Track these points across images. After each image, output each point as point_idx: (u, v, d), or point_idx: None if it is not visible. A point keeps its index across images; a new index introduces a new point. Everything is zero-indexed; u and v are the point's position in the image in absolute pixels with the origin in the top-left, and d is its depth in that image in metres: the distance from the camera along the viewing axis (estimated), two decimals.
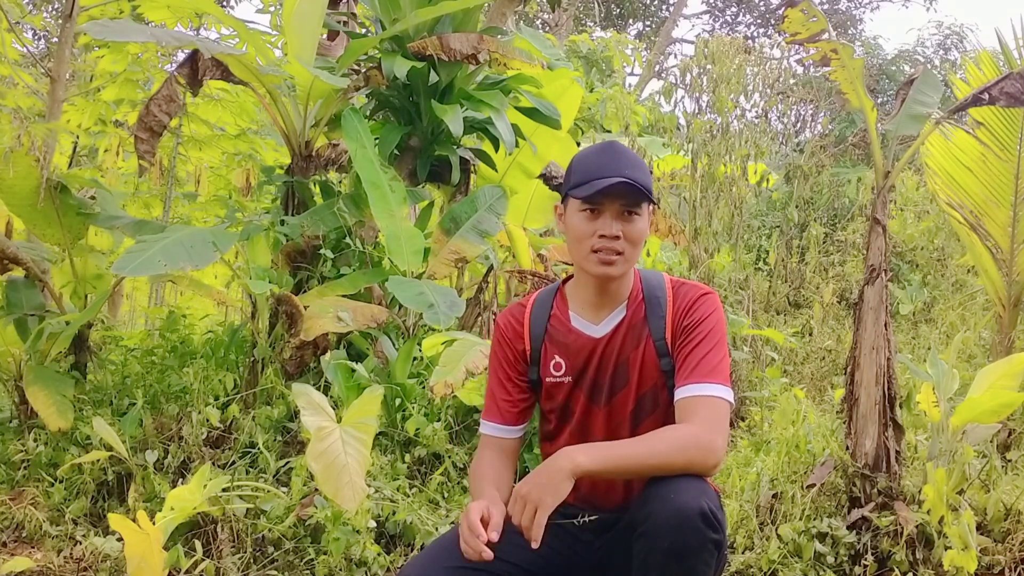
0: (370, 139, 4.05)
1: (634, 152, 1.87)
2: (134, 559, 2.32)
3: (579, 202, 1.80)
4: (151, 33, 3.70)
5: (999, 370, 2.92)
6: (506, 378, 1.97)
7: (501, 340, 1.99)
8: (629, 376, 1.86)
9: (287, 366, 3.57)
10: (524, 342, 1.95)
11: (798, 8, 2.87)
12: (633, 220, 1.80)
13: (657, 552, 1.62)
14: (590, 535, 1.89)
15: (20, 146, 4.05)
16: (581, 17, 18.56)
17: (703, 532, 1.60)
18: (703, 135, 5.56)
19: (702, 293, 1.87)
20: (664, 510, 1.61)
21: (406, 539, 2.95)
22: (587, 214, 1.80)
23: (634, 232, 1.80)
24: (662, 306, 1.86)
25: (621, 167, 1.77)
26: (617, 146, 1.84)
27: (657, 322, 1.85)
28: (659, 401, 1.86)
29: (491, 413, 1.99)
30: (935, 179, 4.25)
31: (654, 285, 1.90)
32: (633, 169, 1.78)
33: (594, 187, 1.75)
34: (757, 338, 4.95)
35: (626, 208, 1.78)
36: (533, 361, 1.95)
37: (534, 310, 1.97)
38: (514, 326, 1.97)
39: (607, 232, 1.78)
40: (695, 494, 1.62)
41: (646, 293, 1.89)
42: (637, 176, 1.78)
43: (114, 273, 3.44)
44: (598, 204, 1.78)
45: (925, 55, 15.35)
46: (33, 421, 3.55)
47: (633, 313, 1.88)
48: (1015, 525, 2.75)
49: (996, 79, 2.87)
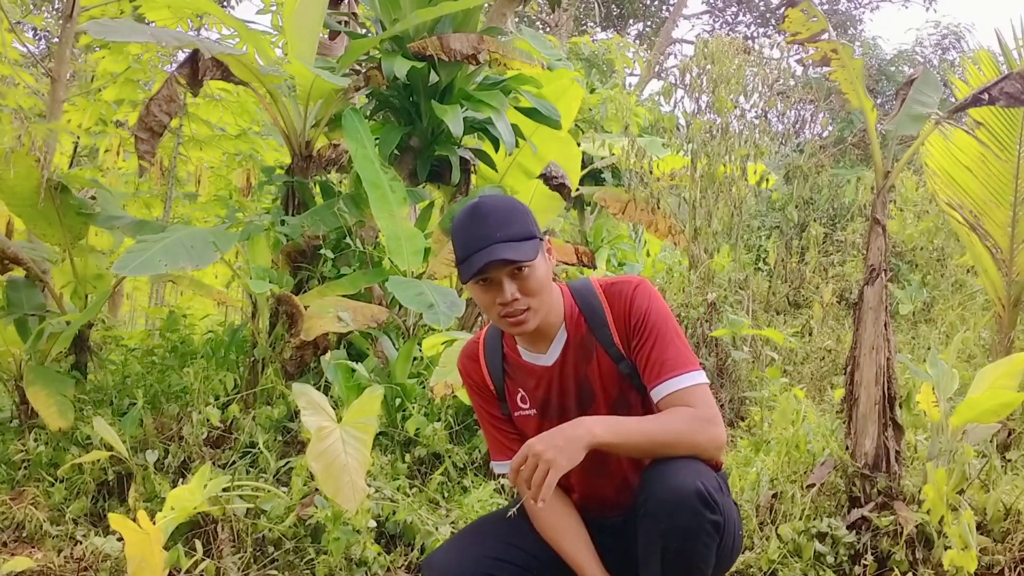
0: (370, 139, 4.06)
1: (504, 203, 1.80)
2: (134, 559, 2.32)
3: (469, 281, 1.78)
4: (152, 33, 3.70)
5: (999, 370, 2.92)
6: (493, 418, 1.98)
7: (471, 386, 1.99)
8: (593, 391, 1.86)
9: (287, 366, 3.57)
10: (487, 381, 1.96)
11: (798, 8, 2.87)
12: (526, 275, 1.75)
13: (656, 534, 1.63)
14: (609, 538, 1.89)
15: (21, 146, 4.06)
16: (581, 18, 18.56)
17: (700, 512, 1.61)
18: (703, 135, 5.56)
19: (634, 287, 1.85)
20: (660, 492, 1.63)
21: (406, 539, 2.95)
22: (481, 286, 1.78)
23: (530, 287, 1.76)
24: (600, 314, 1.85)
25: (492, 232, 1.72)
26: (483, 207, 1.77)
27: (602, 331, 1.84)
28: (631, 403, 1.86)
29: (500, 452, 1.98)
30: (935, 179, 4.25)
31: (586, 295, 1.88)
32: (505, 228, 1.73)
33: (472, 266, 1.72)
34: (757, 338, 4.95)
35: (513, 268, 1.75)
36: (500, 398, 1.95)
37: (487, 349, 1.97)
38: (475, 369, 1.97)
39: (503, 300, 1.75)
40: (691, 475, 1.63)
41: (581, 306, 1.88)
42: (512, 232, 1.73)
43: (114, 273, 3.44)
44: (486, 275, 1.75)
45: (923, 55, 15.34)
46: (33, 421, 3.56)
47: (574, 331, 1.87)
48: (1015, 525, 2.75)
49: (996, 79, 2.87)
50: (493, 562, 1.78)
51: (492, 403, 1.97)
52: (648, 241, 8.25)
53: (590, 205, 8.10)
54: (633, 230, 8.37)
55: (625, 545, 1.87)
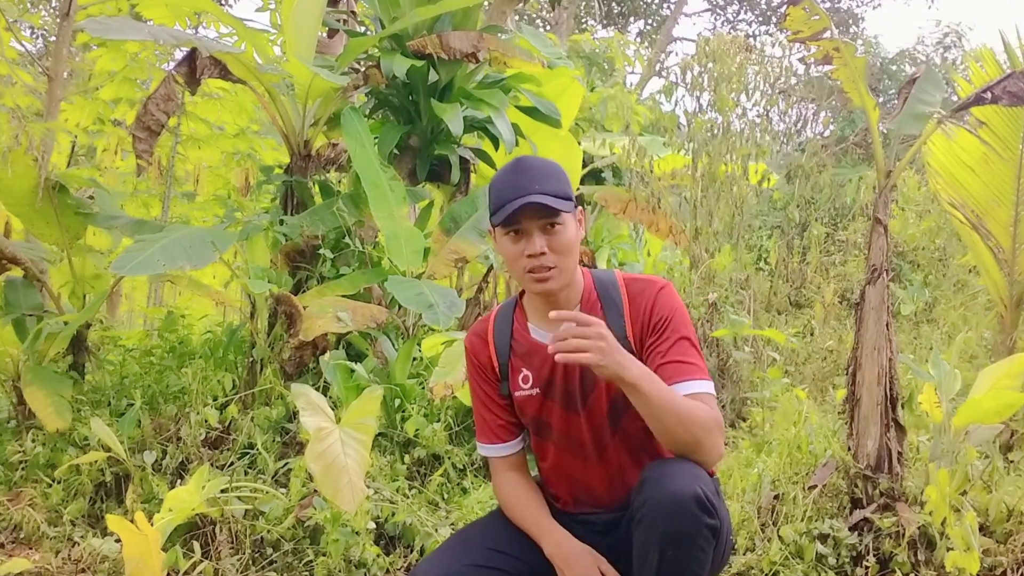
0: (369, 138, 4.04)
1: (547, 162, 1.85)
2: (132, 560, 2.31)
3: (500, 227, 1.81)
4: (149, 31, 3.69)
5: (1001, 370, 2.91)
6: (488, 399, 1.97)
7: (472, 361, 1.99)
8: (596, 379, 1.84)
9: (286, 366, 3.56)
10: (492, 359, 1.96)
11: (800, 6, 2.85)
12: (556, 232, 1.79)
13: (653, 538, 1.63)
14: (597, 536, 1.88)
15: (18, 145, 4.04)
16: (582, 16, 18.55)
17: (698, 517, 1.61)
18: (704, 134, 5.54)
19: (659, 288, 1.86)
20: (658, 496, 1.63)
21: (405, 540, 2.94)
22: (511, 237, 1.80)
23: (560, 243, 1.79)
24: (618, 304, 1.86)
25: (531, 183, 1.77)
26: (525, 162, 1.83)
27: (616, 320, 1.84)
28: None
29: (486, 435, 1.98)
30: (937, 179, 4.23)
31: (607, 284, 1.90)
32: (544, 182, 1.77)
33: (507, 211, 1.76)
34: (758, 338, 4.94)
35: (546, 222, 1.78)
36: (502, 376, 1.95)
37: (496, 325, 1.98)
38: (481, 347, 1.98)
39: (532, 251, 1.78)
40: (689, 479, 1.63)
41: (600, 293, 1.89)
42: (549, 187, 1.77)
43: (113, 272, 3.43)
44: (517, 225, 1.78)
45: (925, 54, 15.33)
46: (31, 422, 3.54)
47: (588, 315, 1.87)
48: (1018, 526, 2.74)
49: (999, 78, 2.85)
50: (479, 569, 1.77)
51: (491, 383, 1.97)
52: (649, 241, 8.23)
53: (590, 204, 8.09)
54: (634, 230, 8.35)
55: (612, 543, 1.86)
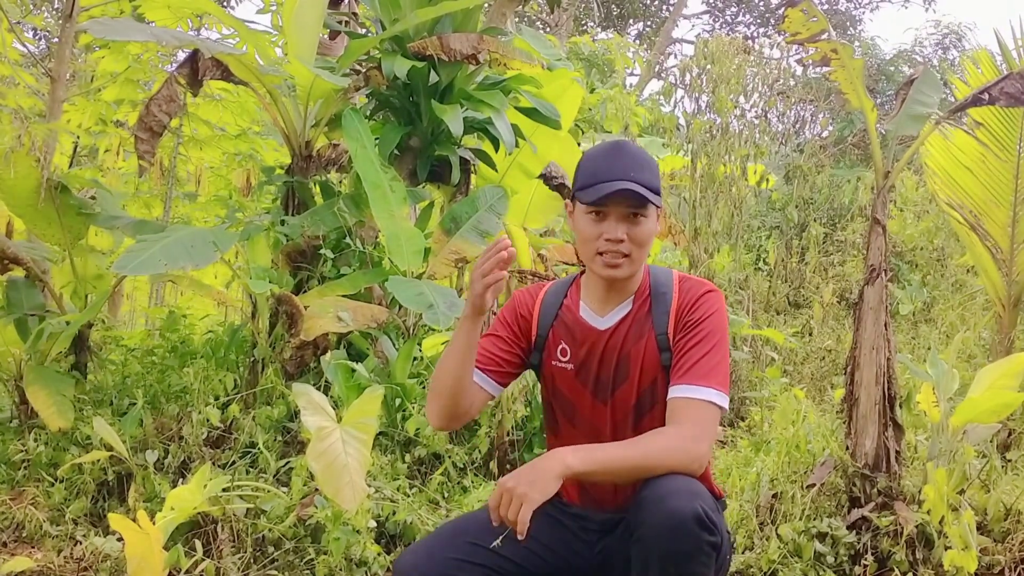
0: (370, 139, 4.05)
1: (643, 151, 1.85)
2: (134, 559, 2.32)
3: (585, 205, 1.80)
4: (151, 32, 3.69)
5: (999, 370, 2.92)
6: (499, 337, 1.96)
7: (513, 307, 1.99)
8: (630, 370, 1.85)
9: (287, 366, 3.57)
10: (532, 321, 1.96)
11: (798, 8, 2.87)
12: (639, 222, 1.79)
13: (654, 558, 1.61)
14: (593, 535, 1.88)
15: (21, 146, 4.06)
16: (581, 17, 18.55)
17: (698, 536, 1.59)
18: (703, 135, 5.56)
19: (707, 290, 1.86)
20: (658, 515, 1.61)
21: (406, 539, 2.96)
22: (593, 217, 1.80)
23: (640, 234, 1.80)
24: (667, 301, 1.86)
25: (627, 169, 1.77)
26: (625, 147, 1.83)
27: (660, 316, 1.85)
28: (657, 396, 1.85)
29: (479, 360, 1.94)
30: (935, 179, 4.25)
31: (661, 281, 1.90)
32: (640, 171, 1.77)
33: (599, 192, 1.75)
34: (757, 338, 4.96)
35: (632, 211, 1.78)
36: (538, 347, 1.95)
37: (547, 296, 1.98)
38: (528, 303, 1.98)
39: (612, 236, 1.78)
40: (688, 498, 1.61)
41: (653, 288, 1.89)
42: (643, 178, 1.77)
43: (114, 272, 3.44)
44: (603, 207, 1.78)
45: (923, 55, 15.34)
46: (33, 421, 3.55)
47: (639, 307, 1.88)
48: (1015, 525, 2.76)
49: (996, 79, 2.87)
50: (459, 563, 1.75)
51: (516, 329, 1.95)
52: None
53: None
54: None
55: (606, 545, 1.86)
